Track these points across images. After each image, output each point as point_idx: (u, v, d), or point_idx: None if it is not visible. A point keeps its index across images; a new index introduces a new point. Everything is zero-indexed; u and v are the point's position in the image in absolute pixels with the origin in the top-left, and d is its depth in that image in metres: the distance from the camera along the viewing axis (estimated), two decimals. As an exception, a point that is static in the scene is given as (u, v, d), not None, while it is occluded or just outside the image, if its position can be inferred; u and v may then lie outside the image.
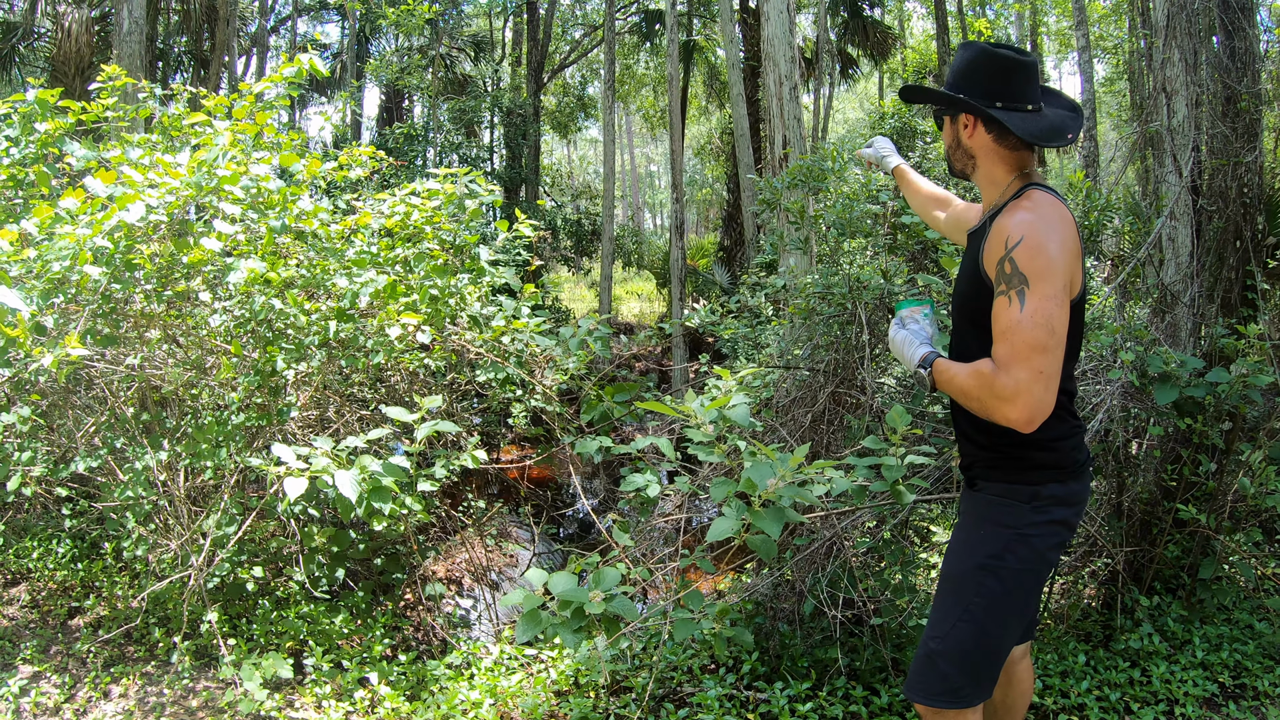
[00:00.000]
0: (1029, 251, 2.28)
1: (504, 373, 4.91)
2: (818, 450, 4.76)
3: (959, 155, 2.66)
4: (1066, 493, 2.50)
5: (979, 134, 2.57)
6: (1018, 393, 2.24)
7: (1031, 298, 2.26)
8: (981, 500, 2.59)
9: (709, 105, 31.39)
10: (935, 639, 2.56)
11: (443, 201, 5.14)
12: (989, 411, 2.33)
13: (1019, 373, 2.24)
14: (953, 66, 2.61)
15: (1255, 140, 6.13)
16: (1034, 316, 2.25)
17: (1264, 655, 4.14)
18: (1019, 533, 2.47)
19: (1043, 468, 2.48)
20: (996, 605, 2.49)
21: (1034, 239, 2.29)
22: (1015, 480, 2.51)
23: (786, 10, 11.33)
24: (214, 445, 4.31)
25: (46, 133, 4.66)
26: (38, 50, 19.41)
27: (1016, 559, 2.47)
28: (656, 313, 29.08)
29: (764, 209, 5.97)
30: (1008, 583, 2.48)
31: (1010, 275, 2.31)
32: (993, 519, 2.53)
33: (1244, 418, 4.24)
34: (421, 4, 16.58)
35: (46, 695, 4.23)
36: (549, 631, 2.73)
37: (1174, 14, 5.85)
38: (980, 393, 2.34)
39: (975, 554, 2.53)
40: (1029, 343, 2.24)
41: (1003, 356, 2.29)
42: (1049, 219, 2.35)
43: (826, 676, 3.99)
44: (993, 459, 2.56)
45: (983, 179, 2.63)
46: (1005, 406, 2.27)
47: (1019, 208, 2.39)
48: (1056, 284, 2.27)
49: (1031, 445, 2.47)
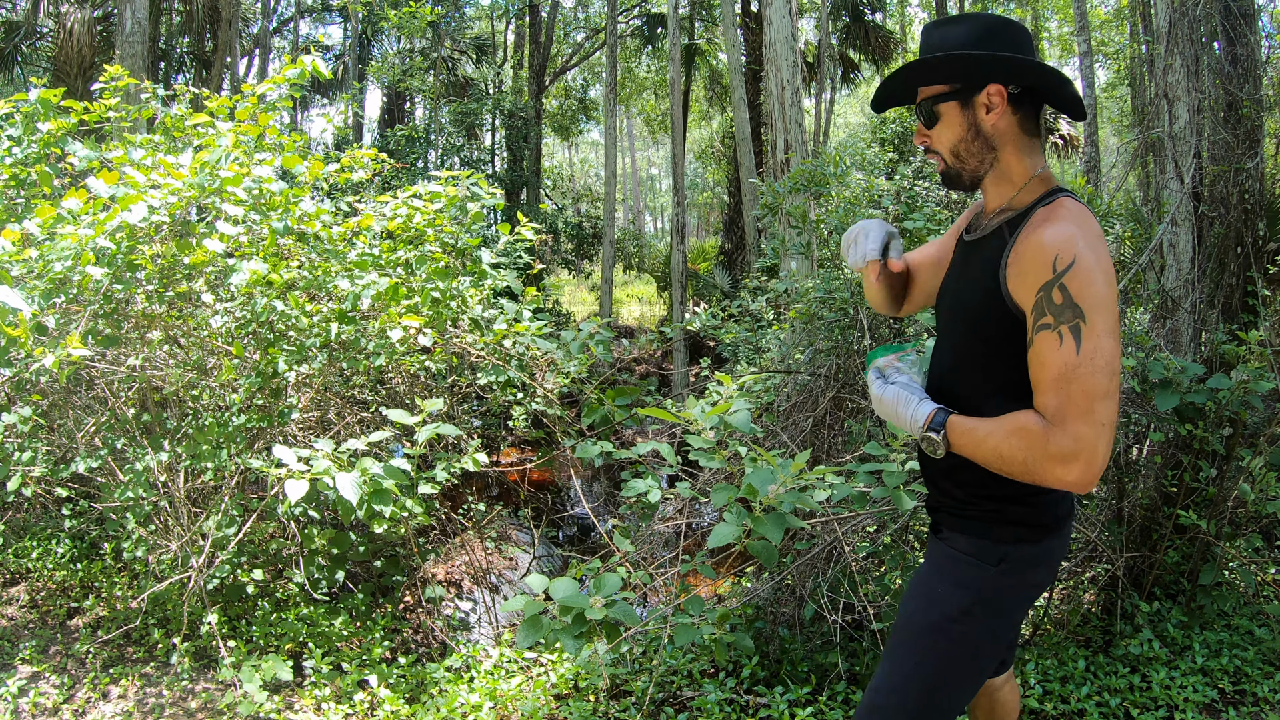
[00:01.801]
0: (1084, 278, 1.88)
1: (505, 375, 4.91)
2: (819, 455, 4.76)
3: (975, 149, 2.15)
4: (1040, 553, 2.16)
5: (1006, 115, 2.11)
6: (1079, 452, 1.85)
7: (1089, 336, 1.87)
8: (942, 552, 2.24)
9: (710, 109, 31.45)
10: (879, 692, 2.24)
11: (445, 204, 5.15)
12: (1037, 475, 1.92)
13: (1080, 428, 1.85)
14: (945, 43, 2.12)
15: (1256, 146, 6.15)
16: (1095, 359, 1.86)
17: (1264, 661, 4.14)
18: (981, 598, 2.14)
19: (1017, 525, 2.14)
20: (949, 668, 2.18)
21: (1087, 263, 1.89)
22: (984, 537, 2.16)
23: (789, 15, 11.36)
24: (214, 446, 4.31)
25: (49, 132, 4.66)
26: (40, 49, 19.46)
27: (975, 623, 2.14)
28: (657, 316, 29.12)
29: (766, 213, 5.98)
30: (963, 646, 2.16)
31: (1061, 307, 1.90)
32: (954, 577, 2.18)
33: (1244, 424, 4.24)
34: (424, 6, 16.61)
35: (45, 696, 4.22)
36: (550, 637, 2.73)
37: (1176, 20, 5.86)
38: (1028, 454, 1.92)
39: (930, 611, 2.19)
40: (1090, 391, 1.86)
41: (1057, 408, 1.89)
42: (1094, 237, 1.95)
43: (826, 681, 3.99)
44: (962, 509, 2.21)
45: (997, 178, 2.18)
46: (1061, 469, 1.87)
47: (1058, 219, 1.97)
48: (1112, 316, 1.90)
49: (1011, 500, 2.12)
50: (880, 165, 11.62)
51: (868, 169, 10.98)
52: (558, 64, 28.32)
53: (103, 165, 4.55)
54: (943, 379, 2.28)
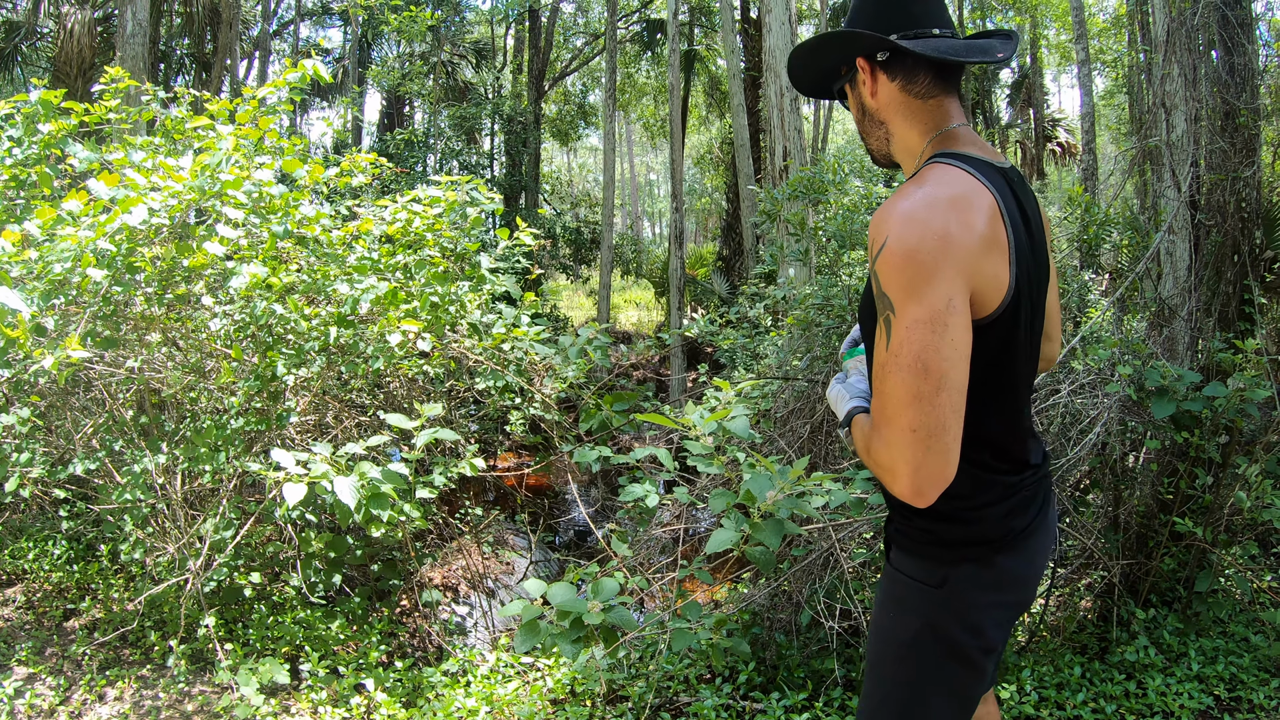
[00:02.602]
0: (893, 260, 1.62)
1: (503, 380, 4.92)
2: (816, 462, 4.77)
3: (870, 129, 1.99)
4: (993, 576, 1.87)
5: (882, 85, 1.91)
6: (894, 461, 1.63)
7: (896, 328, 1.62)
8: (889, 576, 2.00)
9: (709, 115, 31.49)
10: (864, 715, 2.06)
11: (444, 209, 5.16)
12: (883, 478, 1.70)
13: (890, 434, 1.63)
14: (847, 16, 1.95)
15: (1254, 155, 6.16)
16: (899, 355, 1.61)
17: (1259, 668, 4.15)
18: (928, 622, 1.88)
19: (957, 545, 1.86)
20: (914, 696, 1.95)
21: (902, 240, 1.61)
22: (923, 558, 1.90)
23: (788, 21, 11.38)
24: (213, 449, 4.32)
25: (49, 134, 4.66)
26: (40, 50, 19.47)
27: (932, 646, 1.89)
28: (655, 321, 29.12)
29: (764, 220, 5.99)
30: (924, 675, 1.92)
31: (878, 296, 1.67)
32: (899, 601, 1.95)
33: (1241, 431, 4.25)
34: (424, 11, 16.63)
35: (41, 697, 4.22)
36: (548, 642, 2.73)
37: (1174, 29, 5.88)
38: (868, 460, 1.75)
39: (887, 640, 1.98)
40: (896, 392, 1.62)
41: (876, 410, 1.70)
42: (935, 203, 1.64)
43: (823, 687, 3.99)
44: (904, 524, 1.95)
45: (901, 154, 1.98)
46: (888, 478, 1.66)
47: (899, 194, 1.70)
48: (932, 299, 1.59)
49: (941, 518, 1.85)
50: (879, 172, 11.64)
51: (866, 176, 11.00)
52: (557, 69, 28.36)
53: (103, 167, 4.56)
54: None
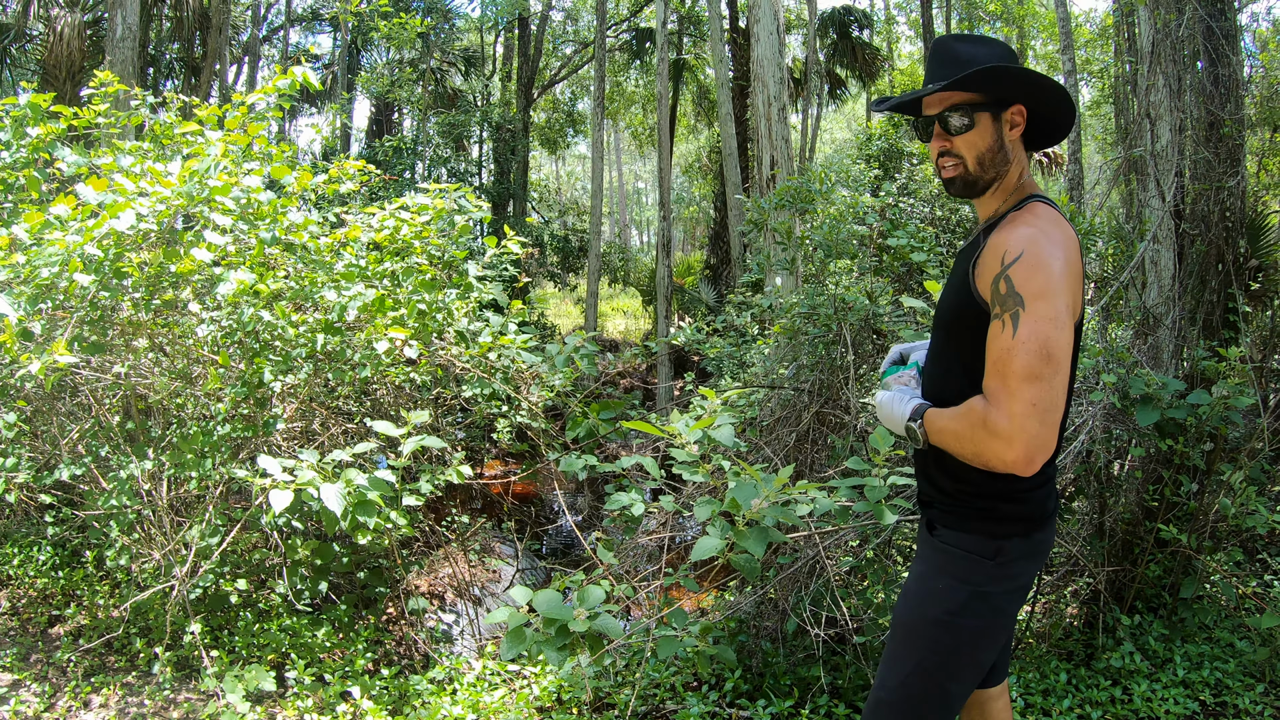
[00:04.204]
0: (1028, 269, 2.02)
1: (490, 388, 4.92)
2: (801, 470, 4.78)
3: (997, 160, 2.27)
4: (1031, 547, 2.26)
5: (1018, 128, 2.27)
6: (1014, 432, 1.96)
7: (1026, 321, 1.99)
8: (939, 548, 2.31)
9: (698, 123, 31.58)
10: (885, 689, 2.34)
11: (432, 217, 5.16)
12: (983, 455, 2.05)
13: (1013, 406, 1.97)
14: (976, 59, 2.22)
15: (1238, 165, 6.21)
16: (1028, 343, 1.98)
17: (1244, 673, 4.17)
18: (979, 590, 2.22)
19: (1010, 520, 2.23)
20: (950, 660, 2.27)
21: (1034, 255, 2.03)
22: (978, 533, 2.24)
23: (776, 31, 11.43)
24: (199, 456, 4.30)
25: (38, 137, 4.65)
26: (29, 53, 19.38)
27: (974, 616, 2.22)
28: (642, 330, 29.15)
29: (751, 229, 6.01)
30: (963, 639, 2.25)
31: (1005, 296, 2.04)
32: (952, 572, 2.26)
33: (1225, 439, 4.28)
34: (413, 18, 16.64)
35: (26, 704, 4.20)
36: (534, 649, 2.73)
37: (1159, 41, 5.93)
38: (972, 433, 2.06)
39: (931, 607, 2.27)
40: (1022, 372, 1.97)
41: (995, 389, 2.02)
42: (1052, 235, 2.08)
43: (809, 694, 4.00)
44: (954, 505, 2.29)
45: (999, 188, 2.32)
46: (1000, 447, 1.99)
47: (1020, 221, 2.13)
48: (1057, 304, 2.00)
49: (1000, 496, 2.22)
50: (866, 182, 11.69)
51: (853, 185, 11.05)
52: (546, 77, 28.40)
53: (91, 171, 4.55)
54: (932, 384, 2.40)
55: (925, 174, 12.68)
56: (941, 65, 2.27)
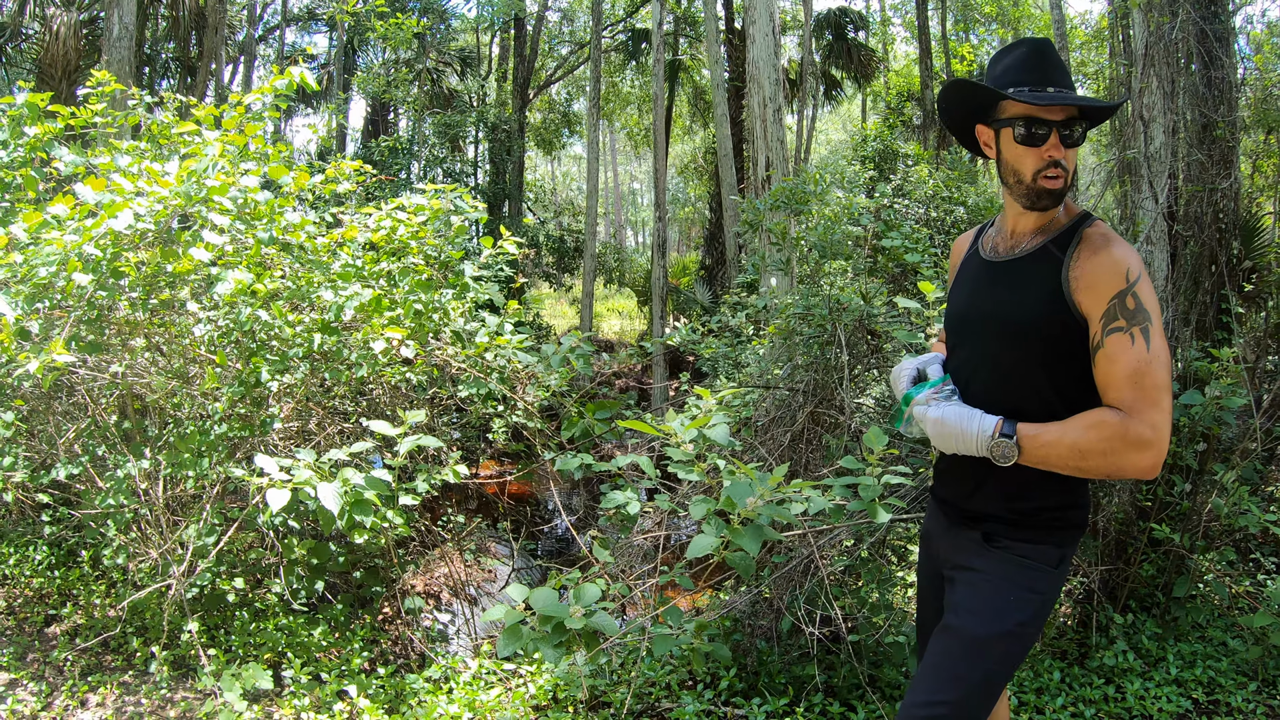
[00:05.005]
0: (1147, 288, 2.13)
1: (486, 388, 4.93)
2: (796, 469, 4.80)
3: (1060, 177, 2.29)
4: (1074, 551, 2.39)
5: None
6: (1154, 439, 2.06)
7: (1155, 335, 2.10)
8: (1006, 560, 2.32)
9: (693, 124, 31.56)
10: (944, 704, 2.24)
11: (429, 217, 5.17)
12: (1116, 464, 2.11)
13: (1155, 416, 2.07)
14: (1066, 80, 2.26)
15: (1231, 167, 6.24)
16: (1160, 356, 2.10)
17: (1237, 672, 4.20)
18: (1045, 598, 2.29)
19: (1073, 527, 2.33)
20: (1012, 668, 2.32)
21: (1146, 274, 2.15)
22: (1043, 542, 2.30)
23: (772, 33, 11.44)
24: (196, 455, 4.31)
25: (35, 137, 4.65)
26: (25, 52, 19.33)
27: (1038, 623, 2.29)
28: (637, 330, 29.15)
29: (746, 230, 6.02)
30: (1026, 645, 2.30)
31: (1133, 312, 2.12)
32: (1023, 584, 2.28)
33: (1218, 439, 4.31)
34: (409, 18, 16.64)
35: (23, 703, 4.20)
36: (529, 646, 2.75)
37: (1152, 43, 5.95)
38: (1108, 445, 2.10)
39: (1005, 620, 2.26)
40: (1159, 383, 2.09)
41: (1133, 401, 2.09)
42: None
43: (804, 693, 4.01)
44: (1023, 519, 2.33)
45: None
46: (1138, 455, 2.07)
47: (1116, 239, 2.21)
48: (1161, 321, 2.15)
49: (1069, 506, 2.32)
50: (861, 183, 11.70)
51: (848, 187, 11.05)
52: (542, 77, 28.38)
53: (89, 171, 4.56)
54: (988, 392, 2.37)
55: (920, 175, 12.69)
56: (1057, 70, 2.26)
